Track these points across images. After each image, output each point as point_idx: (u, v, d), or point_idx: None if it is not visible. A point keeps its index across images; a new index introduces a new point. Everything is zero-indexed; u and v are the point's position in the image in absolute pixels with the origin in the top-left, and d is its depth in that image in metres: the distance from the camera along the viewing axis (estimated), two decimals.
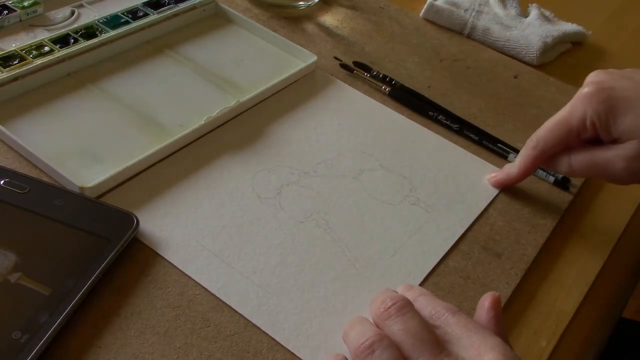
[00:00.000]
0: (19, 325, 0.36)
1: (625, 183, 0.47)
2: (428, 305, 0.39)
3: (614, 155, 0.45)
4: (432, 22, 0.74)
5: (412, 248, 0.47)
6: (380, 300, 0.38)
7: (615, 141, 0.46)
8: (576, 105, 0.46)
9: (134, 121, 0.52)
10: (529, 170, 0.51)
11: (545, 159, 0.49)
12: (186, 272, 0.42)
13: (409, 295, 0.40)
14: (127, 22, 0.59)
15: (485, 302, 0.39)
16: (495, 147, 0.57)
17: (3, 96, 0.51)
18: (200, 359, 0.38)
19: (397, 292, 0.40)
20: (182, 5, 0.63)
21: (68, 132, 0.50)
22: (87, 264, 0.40)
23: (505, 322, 0.44)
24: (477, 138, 0.57)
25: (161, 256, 0.43)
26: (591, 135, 0.47)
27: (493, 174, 0.53)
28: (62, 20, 0.60)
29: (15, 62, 0.52)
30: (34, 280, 0.38)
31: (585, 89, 0.46)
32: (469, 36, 0.73)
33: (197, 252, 0.43)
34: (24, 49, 0.54)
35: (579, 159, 0.48)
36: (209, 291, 0.41)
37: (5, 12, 0.58)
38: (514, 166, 0.51)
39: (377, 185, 0.51)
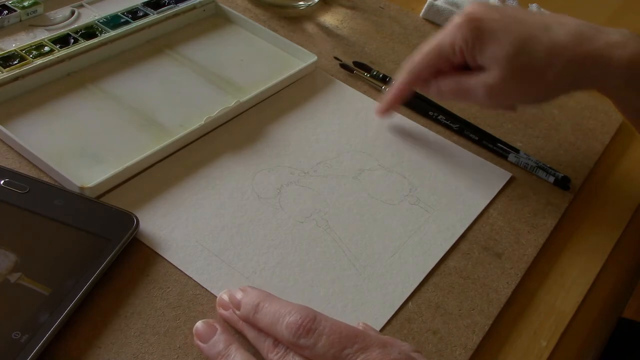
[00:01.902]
0: (19, 325, 0.36)
1: (488, 107, 0.52)
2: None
3: (476, 82, 0.49)
4: (432, 22, 0.74)
5: (412, 248, 0.47)
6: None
7: (480, 68, 0.49)
8: (447, 33, 0.49)
9: (134, 121, 0.52)
10: (404, 92, 0.54)
11: (419, 83, 0.53)
12: (186, 272, 0.42)
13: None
14: (127, 22, 0.59)
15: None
16: (495, 147, 0.57)
17: (3, 96, 0.51)
18: (200, 359, 0.38)
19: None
20: (182, 5, 0.63)
21: (68, 132, 0.50)
22: (87, 264, 0.40)
23: (505, 322, 0.44)
24: (477, 138, 0.57)
25: (161, 256, 0.43)
26: (460, 61, 0.50)
27: (378, 106, 0.56)
28: (62, 20, 0.60)
29: (15, 62, 0.53)
30: (34, 280, 0.38)
31: (457, 19, 0.49)
32: None
33: (197, 252, 0.43)
34: (24, 49, 0.54)
35: (447, 84, 0.51)
36: (209, 291, 0.41)
37: (5, 12, 0.58)
38: (392, 89, 0.54)
39: (377, 185, 0.51)
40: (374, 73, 0.62)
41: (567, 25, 0.47)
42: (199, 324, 0.38)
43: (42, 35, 0.57)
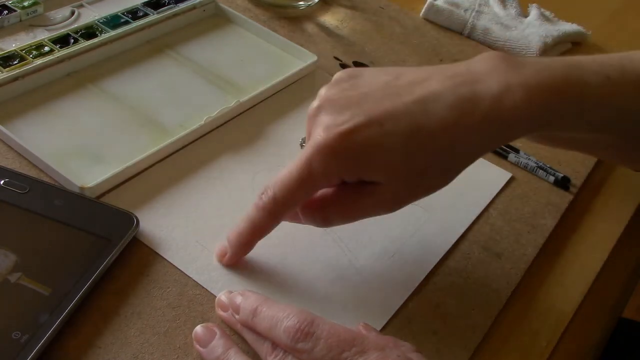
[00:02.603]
0: (19, 325, 0.36)
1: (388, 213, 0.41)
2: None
3: (376, 201, 0.40)
4: (432, 22, 0.74)
5: (412, 248, 0.47)
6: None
7: (367, 183, 0.39)
8: (316, 159, 0.38)
9: (134, 121, 0.52)
10: (263, 235, 0.42)
11: (287, 218, 0.42)
12: (186, 272, 0.42)
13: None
14: (127, 22, 0.59)
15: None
16: None
17: (3, 96, 0.51)
18: (200, 359, 0.38)
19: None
20: (182, 5, 0.63)
21: (68, 132, 0.50)
22: (87, 264, 0.40)
23: (505, 322, 0.44)
24: None
25: (161, 256, 0.43)
26: (338, 182, 0.40)
27: (222, 254, 0.43)
28: (62, 20, 0.60)
29: (15, 62, 0.53)
30: (34, 280, 0.38)
31: (321, 138, 0.38)
32: (469, 36, 0.73)
33: (197, 252, 0.43)
34: (24, 49, 0.54)
35: (337, 212, 0.40)
36: (208, 291, 0.41)
37: (5, 12, 0.58)
38: (244, 234, 0.42)
39: None
40: None
41: (442, 95, 0.38)
42: (198, 328, 0.38)
43: (42, 35, 0.57)
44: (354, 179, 0.39)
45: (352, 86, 0.41)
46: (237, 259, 0.43)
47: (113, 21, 0.59)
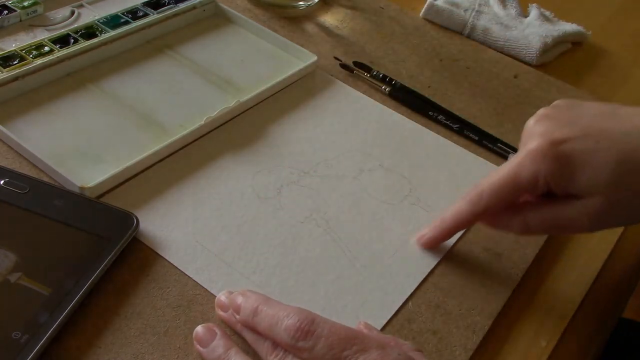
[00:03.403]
0: (19, 325, 0.36)
1: (589, 232, 0.43)
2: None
3: (577, 213, 0.41)
4: (432, 22, 0.74)
5: (412, 248, 0.47)
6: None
7: (571, 196, 0.41)
8: (526, 163, 0.41)
9: (134, 121, 0.52)
10: (464, 226, 0.46)
11: (487, 217, 0.45)
12: (186, 272, 0.42)
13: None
14: (127, 22, 0.59)
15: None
16: (495, 147, 0.57)
17: (3, 96, 0.51)
18: (200, 359, 0.38)
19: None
20: (182, 5, 0.63)
21: (68, 132, 0.50)
22: (87, 264, 0.40)
23: (505, 322, 0.44)
24: (477, 138, 0.57)
25: (161, 256, 0.43)
26: (543, 191, 0.42)
27: (422, 234, 0.47)
28: (62, 20, 0.60)
29: (15, 62, 0.53)
30: (34, 280, 0.38)
31: (533, 144, 0.41)
32: (469, 36, 0.73)
33: (197, 252, 0.43)
34: (24, 49, 0.54)
35: (537, 218, 0.43)
36: (208, 291, 0.41)
37: (5, 12, 0.58)
38: (447, 221, 0.45)
39: (377, 185, 0.51)
40: (374, 73, 0.62)
41: None
42: (198, 329, 0.38)
43: (42, 35, 0.57)
44: (558, 189, 0.41)
45: (571, 109, 0.43)
46: (435, 243, 0.46)
47: (113, 21, 0.59)
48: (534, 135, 0.42)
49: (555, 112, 0.43)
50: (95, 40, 0.57)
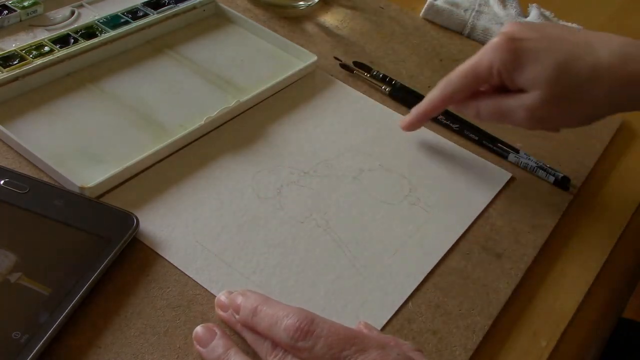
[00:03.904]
0: (19, 325, 0.36)
1: (528, 129, 0.49)
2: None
3: (517, 105, 0.47)
4: (432, 22, 0.74)
5: (412, 248, 0.47)
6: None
7: (520, 90, 0.47)
8: (485, 54, 0.48)
9: (134, 121, 0.52)
10: (436, 109, 0.52)
11: (454, 102, 0.51)
12: (186, 272, 0.42)
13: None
14: (127, 22, 0.59)
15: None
16: (494, 147, 0.57)
17: (3, 96, 0.51)
18: (200, 359, 0.38)
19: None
20: (182, 5, 0.63)
21: (68, 132, 0.50)
22: (87, 264, 0.40)
23: (505, 322, 0.44)
24: (477, 138, 0.57)
25: (161, 256, 0.43)
26: (498, 82, 0.48)
27: (403, 119, 0.55)
28: (62, 20, 0.60)
29: (15, 62, 0.53)
30: (34, 280, 0.38)
31: (495, 39, 0.47)
32: (469, 36, 0.73)
33: (197, 252, 0.43)
34: (24, 49, 0.54)
35: (486, 106, 0.49)
36: (208, 291, 0.41)
37: (5, 12, 0.58)
38: (422, 105, 0.53)
39: (377, 185, 0.51)
40: (374, 73, 0.62)
41: (611, 44, 0.46)
42: (198, 329, 0.38)
43: (42, 35, 0.57)
44: (508, 80, 0.47)
45: (539, 24, 0.50)
46: (413, 125, 0.54)
47: (113, 21, 0.59)
48: (499, 33, 0.48)
49: (524, 24, 0.49)
50: (95, 40, 0.57)
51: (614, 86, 0.45)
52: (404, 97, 0.60)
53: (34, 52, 0.54)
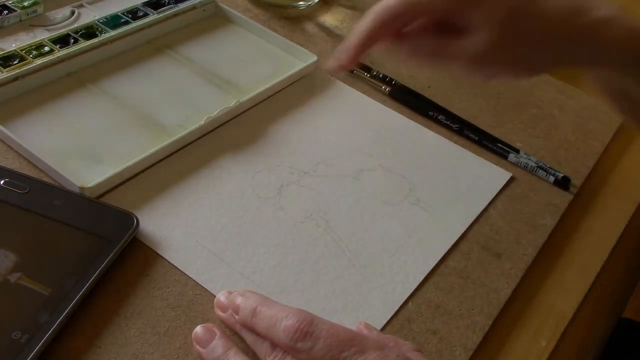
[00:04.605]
0: (19, 325, 0.36)
1: (465, 73, 0.45)
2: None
3: (460, 44, 0.43)
4: None
5: (412, 248, 0.47)
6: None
7: (464, 30, 0.42)
8: None
9: (134, 121, 0.52)
10: (370, 40, 0.44)
11: (389, 33, 0.44)
12: (186, 272, 0.42)
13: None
14: (127, 22, 0.59)
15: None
16: (495, 147, 0.57)
17: (3, 96, 0.51)
18: (200, 359, 0.38)
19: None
20: (182, 5, 0.63)
21: (68, 132, 0.50)
22: (87, 264, 0.40)
23: (505, 322, 0.44)
24: (477, 138, 0.57)
25: (161, 256, 0.43)
26: (440, 17, 0.43)
27: (334, 59, 0.46)
28: (62, 20, 0.60)
29: (15, 62, 0.52)
30: (34, 280, 0.38)
31: None
32: None
33: (197, 252, 0.43)
34: (24, 49, 0.54)
35: (425, 43, 0.44)
36: (208, 291, 0.41)
37: (5, 12, 0.58)
38: (355, 36, 0.45)
39: (377, 185, 0.51)
40: (374, 73, 0.62)
41: None
42: (198, 329, 0.38)
43: (42, 35, 0.57)
44: (456, 14, 0.42)
45: None
46: (346, 64, 0.45)
47: (113, 21, 0.59)
48: None
49: None
50: (95, 40, 0.57)
51: (560, 39, 0.43)
52: (404, 97, 0.60)
53: (34, 52, 0.54)
